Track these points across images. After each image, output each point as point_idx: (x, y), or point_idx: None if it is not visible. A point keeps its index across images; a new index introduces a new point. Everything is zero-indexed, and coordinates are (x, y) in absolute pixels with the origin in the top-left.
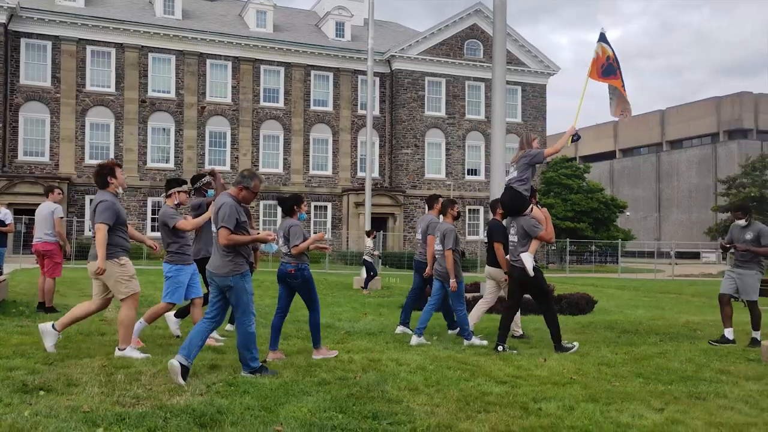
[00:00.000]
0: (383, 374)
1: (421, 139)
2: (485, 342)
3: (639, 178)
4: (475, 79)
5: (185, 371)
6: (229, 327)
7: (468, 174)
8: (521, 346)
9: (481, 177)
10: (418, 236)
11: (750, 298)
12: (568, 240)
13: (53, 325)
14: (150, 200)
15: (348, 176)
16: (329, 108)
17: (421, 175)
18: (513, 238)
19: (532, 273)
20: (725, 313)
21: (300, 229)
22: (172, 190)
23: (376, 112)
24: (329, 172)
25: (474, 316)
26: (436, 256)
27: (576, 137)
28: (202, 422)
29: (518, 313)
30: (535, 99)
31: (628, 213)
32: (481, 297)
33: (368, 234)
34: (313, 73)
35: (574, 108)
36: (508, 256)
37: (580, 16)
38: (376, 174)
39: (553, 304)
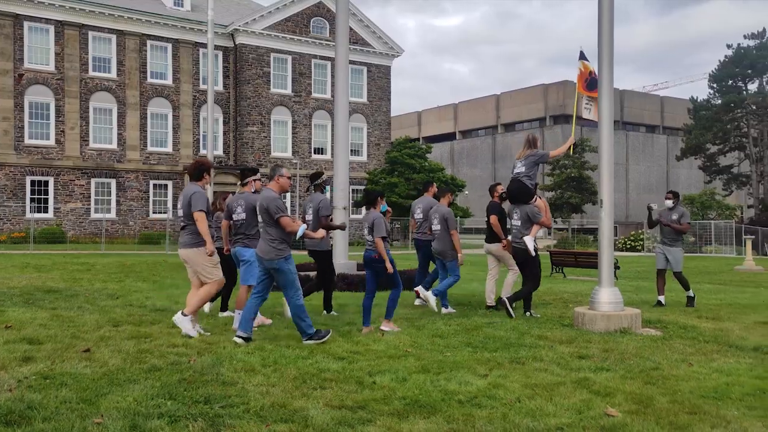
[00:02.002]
0: (220, 356)
1: (267, 116)
2: (454, 311)
3: (477, 158)
4: (322, 57)
5: (248, 340)
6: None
7: (314, 153)
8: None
9: (328, 156)
10: (419, 216)
11: (677, 269)
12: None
13: (183, 312)
14: None
15: (190, 153)
16: (168, 81)
17: (268, 153)
18: (516, 222)
19: (533, 253)
20: (660, 283)
21: (383, 221)
22: (248, 179)
23: (220, 88)
24: (169, 149)
25: (489, 290)
26: (435, 236)
27: (576, 145)
28: (9, 420)
29: (494, 283)
30: (380, 80)
31: (466, 192)
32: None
33: None
34: (149, 43)
35: (419, 90)
36: (510, 237)
37: (428, 0)
38: (220, 152)
39: (537, 280)
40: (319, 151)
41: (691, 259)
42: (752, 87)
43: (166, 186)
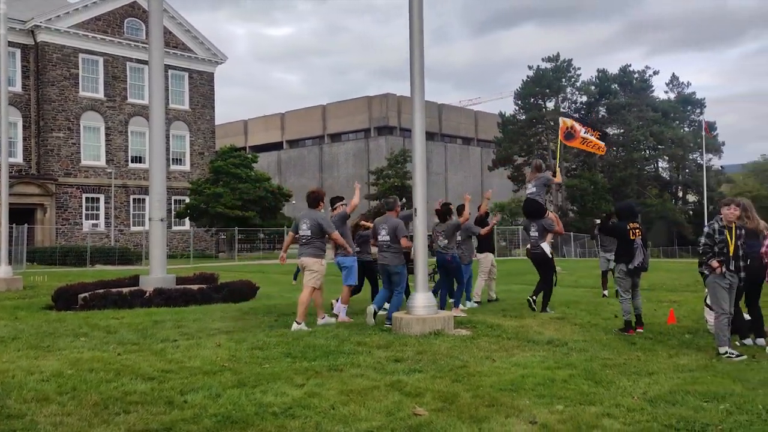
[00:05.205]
0: (7, 387)
1: (75, 121)
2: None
3: (304, 168)
4: (138, 60)
5: (375, 314)
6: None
7: (132, 161)
8: (182, 338)
9: (147, 165)
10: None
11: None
12: (237, 228)
13: (297, 321)
14: None
15: None
16: None
17: (77, 162)
18: (534, 234)
19: (550, 256)
20: (604, 280)
21: (455, 229)
22: (337, 204)
23: (18, 89)
24: None
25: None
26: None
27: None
28: None
29: (495, 281)
30: (203, 87)
31: (293, 201)
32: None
33: None
34: None
35: (249, 98)
36: (528, 246)
37: (258, 9)
38: (19, 159)
39: (551, 281)
40: (137, 159)
41: (502, 262)
42: (550, 105)
43: None
